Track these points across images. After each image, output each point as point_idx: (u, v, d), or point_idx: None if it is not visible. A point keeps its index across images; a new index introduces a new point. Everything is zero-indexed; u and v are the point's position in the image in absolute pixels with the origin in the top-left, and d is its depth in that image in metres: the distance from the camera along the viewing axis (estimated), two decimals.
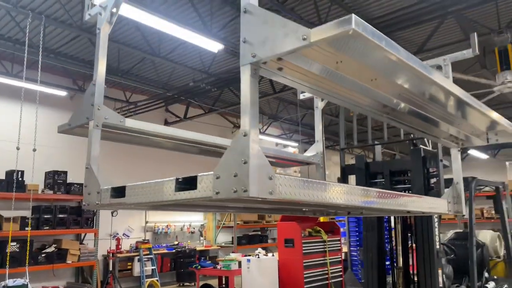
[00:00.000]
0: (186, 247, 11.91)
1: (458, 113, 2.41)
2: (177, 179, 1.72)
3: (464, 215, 3.15)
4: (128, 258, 10.76)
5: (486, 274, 4.20)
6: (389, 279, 3.73)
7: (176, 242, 12.22)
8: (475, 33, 3.23)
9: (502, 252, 4.57)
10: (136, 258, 10.68)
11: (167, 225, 12.22)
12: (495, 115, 2.44)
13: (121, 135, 2.60)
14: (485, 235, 4.53)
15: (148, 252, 10.80)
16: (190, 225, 12.90)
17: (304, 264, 7.45)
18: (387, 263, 3.72)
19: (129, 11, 6.16)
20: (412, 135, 3.67)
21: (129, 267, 10.70)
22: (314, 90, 1.98)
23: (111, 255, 10.43)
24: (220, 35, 7.49)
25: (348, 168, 3.94)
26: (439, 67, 3.39)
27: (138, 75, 10.08)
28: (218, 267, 7.67)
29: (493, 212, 14.25)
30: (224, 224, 13.73)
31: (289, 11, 6.61)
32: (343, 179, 3.98)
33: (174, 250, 11.60)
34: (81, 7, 7.19)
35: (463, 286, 3.81)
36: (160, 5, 7.19)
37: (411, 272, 3.64)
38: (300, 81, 1.84)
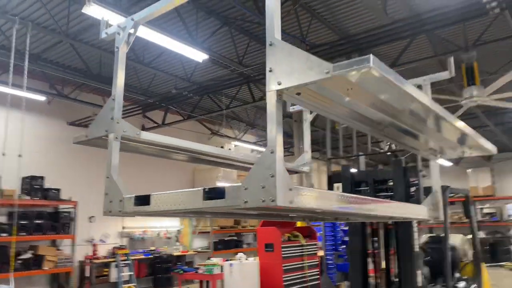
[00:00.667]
0: (163, 253, 11.95)
1: (437, 128, 2.72)
2: (204, 189, 1.94)
3: (447, 220, 3.49)
4: (104, 264, 10.70)
5: (457, 275, 4.59)
6: (372, 280, 4.03)
7: (152, 248, 12.22)
8: (452, 58, 3.61)
9: (470, 254, 4.98)
10: (113, 264, 10.64)
11: (144, 231, 12.22)
12: (469, 131, 2.78)
13: (136, 147, 2.78)
14: (456, 239, 4.93)
15: (126, 257, 10.79)
16: (167, 230, 12.94)
17: (284, 268, 7.71)
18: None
19: (116, 19, 6.27)
20: (394, 147, 4.00)
21: (105, 273, 10.64)
22: (324, 111, 2.25)
23: (88, 261, 10.36)
24: (205, 45, 7.70)
25: (334, 177, 4.25)
26: (419, 86, 3.75)
27: None
28: (200, 271, 7.82)
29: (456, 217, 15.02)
30: (200, 229, 13.83)
31: None
32: (329, 187, 4.28)
33: (151, 256, 11.62)
34: (67, 13, 7.23)
35: (438, 286, 4.16)
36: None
37: (392, 273, 3.96)
38: (314, 103, 2.11)
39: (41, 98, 9.56)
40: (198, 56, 7.48)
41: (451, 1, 6.86)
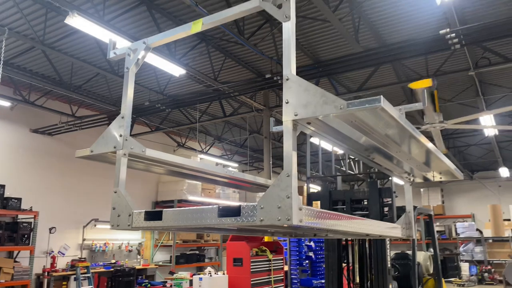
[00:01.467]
0: (124, 266, 11.72)
1: (419, 156, 3.04)
2: (218, 207, 2.11)
3: (414, 238, 3.80)
4: (63, 277, 10.36)
5: None
6: None
7: (113, 261, 11.96)
8: (425, 90, 4.00)
9: (431, 269, 5.37)
10: (73, 277, 10.32)
11: (105, 243, 11.94)
12: (441, 156, 3.12)
13: (141, 163, 2.90)
14: (419, 256, 5.30)
15: (86, 270, 10.49)
16: (128, 243, 12.71)
17: (252, 282, 7.86)
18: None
19: (92, 29, 6.25)
20: (369, 170, 4.32)
21: (64, 286, 10.29)
22: (326, 138, 2.48)
23: (46, 274, 9.99)
24: (183, 61, 7.83)
25: (313, 195, 4.50)
26: None
27: (91, 91, 10.01)
28: (168, 285, 7.79)
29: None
30: (162, 243, 13.68)
31: (253, 46, 7.16)
32: (308, 204, 4.50)
33: (112, 269, 11.36)
34: (44, 19, 7.15)
35: None
36: (129, 27, 7.39)
37: (366, 286, 4.23)
38: (320, 132, 2.34)
39: (6, 104, 9.26)
40: (176, 70, 7.61)
41: (417, 35, 7.45)
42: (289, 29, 2.06)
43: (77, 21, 5.93)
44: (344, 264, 4.45)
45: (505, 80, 9.78)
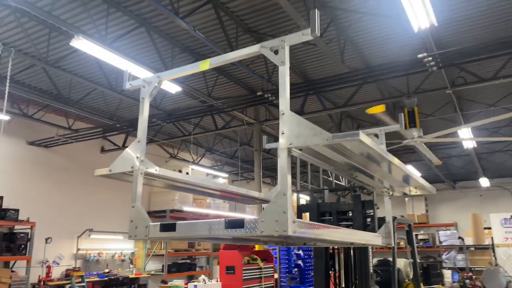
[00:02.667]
0: (118, 275, 11.97)
1: (393, 174, 3.50)
2: (225, 220, 2.52)
3: (393, 246, 4.25)
4: (58, 286, 10.58)
5: None
6: None
7: (106, 270, 12.19)
8: (402, 114, 4.48)
9: (411, 275, 5.82)
10: (68, 286, 10.56)
11: (99, 253, 12.19)
12: (415, 174, 3.59)
13: (153, 180, 3.31)
14: (400, 262, 5.75)
15: (80, 280, 10.74)
16: (121, 253, 12.96)
17: None
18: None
19: (95, 50, 6.65)
20: (353, 184, 4.77)
21: None
22: (315, 160, 2.93)
23: (41, 284, 10.21)
24: (180, 79, 8.26)
25: (302, 207, 4.92)
26: (376, 135, 4.57)
27: (88, 104, 10.35)
28: None
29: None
30: (154, 252, 13.94)
31: (245, 66, 7.63)
32: (298, 216, 4.92)
33: (106, 278, 11.60)
34: (47, 38, 7.52)
35: None
36: (129, 48, 7.81)
37: None
38: (310, 156, 2.79)
39: (5, 117, 9.55)
40: (173, 88, 8.03)
41: (398, 57, 8.02)
42: (284, 72, 2.52)
43: (81, 44, 6.33)
44: (331, 271, 4.88)
45: (481, 97, 10.42)
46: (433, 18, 5.62)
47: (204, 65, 3.06)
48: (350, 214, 4.76)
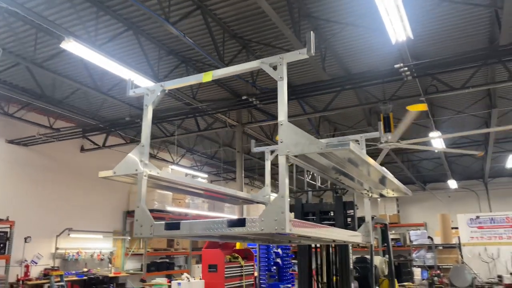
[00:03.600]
0: (97, 274, 11.99)
1: (374, 178, 3.84)
2: (228, 219, 2.79)
3: (371, 244, 4.61)
4: (36, 285, 10.54)
5: None
6: None
7: (85, 269, 12.19)
8: (381, 122, 4.86)
9: (386, 272, 6.23)
10: (46, 285, 10.53)
11: (78, 252, 12.18)
12: (391, 177, 3.95)
13: (155, 182, 3.54)
14: (376, 260, 6.14)
15: (59, 279, 10.73)
16: (100, 252, 12.97)
17: (225, 287, 8.48)
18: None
19: (85, 53, 6.76)
20: (335, 186, 5.11)
21: None
22: (306, 165, 3.24)
23: (20, 283, 10.16)
24: (166, 81, 8.43)
25: None
26: (357, 141, 4.93)
27: (70, 104, 10.36)
28: None
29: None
30: (133, 251, 14.00)
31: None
32: None
33: (85, 277, 11.61)
34: (34, 38, 7.57)
35: None
36: (118, 50, 7.94)
37: (332, 285, 5.00)
38: (303, 162, 3.09)
39: None
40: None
41: (376, 66, 8.46)
42: (283, 87, 2.81)
43: (71, 46, 6.44)
44: (313, 267, 5.21)
45: (452, 104, 11.03)
46: (409, 31, 6.04)
47: (207, 77, 3.32)
48: (332, 214, 5.10)
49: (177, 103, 10.47)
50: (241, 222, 2.74)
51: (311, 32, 2.79)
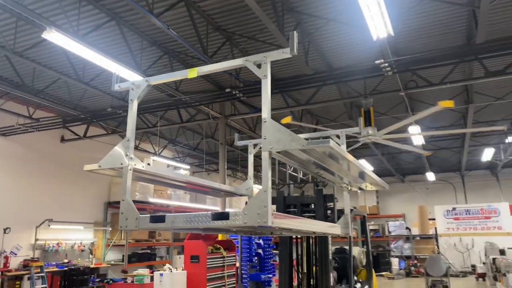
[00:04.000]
0: (78, 265, 11.95)
1: (353, 172, 3.98)
2: (212, 213, 2.88)
3: (350, 236, 4.77)
4: (16, 276, 10.46)
5: (355, 278, 5.94)
6: (296, 280, 5.18)
7: (66, 260, 12.14)
8: (361, 118, 5.00)
9: (364, 262, 6.42)
10: (26, 276, 10.46)
11: (58, 243, 12.10)
12: (369, 171, 4.09)
13: (141, 176, 3.59)
14: (355, 250, 6.32)
15: (39, 270, 10.66)
16: (81, 243, 12.91)
17: (207, 277, 8.60)
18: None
19: (67, 43, 6.69)
20: (316, 179, 5.24)
21: (17, 286, 10.40)
22: (288, 160, 3.34)
23: (0, 274, 10.07)
24: (148, 72, 8.41)
25: None
26: (337, 136, 5.06)
27: (51, 94, 10.22)
28: (129, 281, 8.31)
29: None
30: (114, 242, 13.97)
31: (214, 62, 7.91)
32: None
33: (66, 268, 11.56)
34: (14, 26, 7.44)
35: (343, 286, 5.46)
36: (100, 41, 7.86)
37: (311, 275, 5.15)
38: (285, 157, 3.19)
39: None
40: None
41: (358, 61, 8.61)
42: (266, 84, 2.89)
43: (53, 36, 6.36)
44: (294, 258, 5.36)
45: (430, 98, 11.30)
46: (390, 28, 6.18)
47: (192, 73, 3.38)
48: (313, 206, 5.23)
49: (160, 95, 10.43)
50: (225, 216, 2.82)
51: (294, 32, 2.87)
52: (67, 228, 12.49)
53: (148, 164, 3.42)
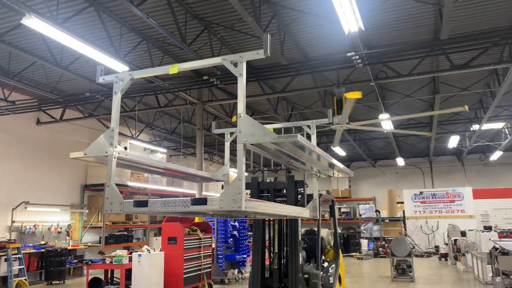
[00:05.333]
0: (55, 247, 12.09)
1: (320, 161, 4.34)
2: (191, 198, 3.18)
3: (318, 218, 5.18)
4: None
5: (323, 258, 6.39)
6: (268, 260, 5.58)
7: (42, 242, 12.26)
8: (330, 110, 5.34)
9: (332, 243, 6.88)
10: (3, 257, 10.56)
11: (35, 225, 12.18)
12: (335, 162, 4.47)
13: (122, 162, 3.84)
14: (323, 232, 6.77)
15: (16, 251, 10.77)
16: (58, 225, 13.02)
17: (184, 258, 8.94)
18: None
19: (46, 30, 6.76)
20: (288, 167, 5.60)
21: None
22: (261, 151, 3.67)
23: None
24: (127, 58, 8.53)
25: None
26: (308, 126, 5.41)
27: (27, 77, 10.17)
28: (107, 261, 8.55)
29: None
30: (91, 224, 14.12)
31: (193, 52, 8.11)
32: None
33: (43, 250, 11.70)
34: None
35: (312, 265, 5.88)
36: (80, 28, 7.90)
37: (282, 255, 5.55)
38: (259, 149, 3.51)
39: None
40: (119, 67, 8.28)
41: (331, 53, 8.95)
42: (242, 82, 3.18)
43: (32, 22, 6.42)
44: (266, 239, 5.74)
45: (399, 88, 11.81)
46: (361, 24, 6.52)
47: (173, 69, 3.63)
48: (285, 192, 5.60)
49: (138, 79, 10.53)
50: (203, 201, 3.12)
51: (268, 35, 3.17)
52: (43, 210, 12.57)
53: (125, 148, 3.69)
